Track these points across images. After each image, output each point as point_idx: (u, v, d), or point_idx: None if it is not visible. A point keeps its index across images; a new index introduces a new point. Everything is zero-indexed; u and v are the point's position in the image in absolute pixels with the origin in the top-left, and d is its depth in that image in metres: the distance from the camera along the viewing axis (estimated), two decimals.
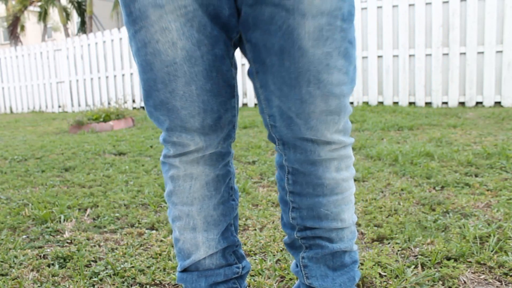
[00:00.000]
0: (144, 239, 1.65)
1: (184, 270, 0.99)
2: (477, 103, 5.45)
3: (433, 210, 1.81)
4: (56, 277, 1.36)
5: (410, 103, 5.77)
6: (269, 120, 0.88)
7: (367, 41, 5.87)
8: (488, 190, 2.03)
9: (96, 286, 1.31)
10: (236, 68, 0.90)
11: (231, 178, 0.99)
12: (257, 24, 0.79)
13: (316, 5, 0.74)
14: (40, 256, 1.54)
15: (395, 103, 5.84)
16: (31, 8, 20.34)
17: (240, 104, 7.23)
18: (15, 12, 16.94)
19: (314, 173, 0.89)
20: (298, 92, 0.81)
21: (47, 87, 9.33)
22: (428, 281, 1.23)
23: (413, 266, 1.32)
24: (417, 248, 1.44)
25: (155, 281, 1.32)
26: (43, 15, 19.64)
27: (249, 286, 1.26)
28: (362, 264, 1.35)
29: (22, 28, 20.03)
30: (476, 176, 2.29)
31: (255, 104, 7.15)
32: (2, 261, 1.50)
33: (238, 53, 5.91)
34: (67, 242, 1.67)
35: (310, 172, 0.89)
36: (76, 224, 1.86)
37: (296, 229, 0.95)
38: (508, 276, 1.24)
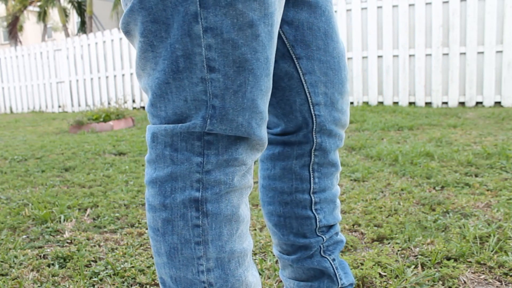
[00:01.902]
0: (144, 239, 1.65)
1: None
2: (477, 103, 5.46)
3: (433, 210, 1.81)
4: (56, 277, 1.36)
5: (410, 103, 5.77)
6: (313, 110, 0.82)
7: (367, 41, 5.87)
8: (488, 190, 2.03)
9: (96, 286, 1.31)
10: None
11: None
12: (303, 5, 0.77)
13: None
14: (40, 256, 1.54)
15: (395, 103, 5.85)
16: (30, 8, 20.35)
17: None
18: (14, 11, 16.96)
19: (337, 162, 0.90)
20: (340, 77, 0.82)
21: (47, 87, 9.34)
22: (428, 281, 1.23)
23: (413, 266, 1.32)
24: (417, 248, 1.44)
25: (155, 281, 1.32)
26: (42, 15, 19.64)
27: None
28: (362, 264, 1.35)
29: (21, 28, 20.04)
30: (476, 176, 2.29)
31: None
32: (2, 261, 1.50)
33: None
34: (67, 242, 1.67)
35: (335, 162, 0.89)
36: (76, 224, 1.86)
37: (324, 234, 0.91)
38: (508, 276, 1.24)
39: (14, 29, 17.56)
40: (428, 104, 5.70)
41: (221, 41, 0.58)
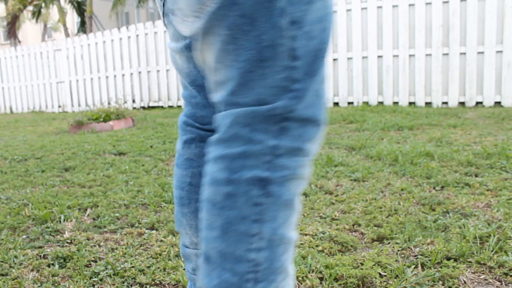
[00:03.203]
0: (144, 239, 1.65)
1: None
2: (477, 103, 5.46)
3: (433, 210, 1.81)
4: (56, 277, 1.36)
5: (410, 103, 5.77)
6: None
7: (367, 41, 5.87)
8: (488, 190, 2.03)
9: (96, 286, 1.31)
10: None
11: None
12: None
13: None
14: (40, 256, 1.54)
15: (395, 103, 5.85)
16: (30, 8, 20.35)
17: None
18: (14, 11, 16.95)
19: None
20: None
21: (47, 87, 9.34)
22: (428, 281, 1.23)
23: (413, 266, 1.32)
24: (417, 248, 1.44)
25: (155, 281, 1.32)
26: (37, 15, 19.64)
27: None
28: (362, 264, 1.35)
29: (18, 26, 20.03)
30: (476, 176, 2.29)
31: None
32: (2, 261, 1.50)
33: None
34: (67, 242, 1.67)
35: None
36: (76, 224, 1.86)
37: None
38: (508, 276, 1.24)
39: (13, 28, 17.55)
40: (428, 104, 5.70)
41: (302, 33, 0.65)
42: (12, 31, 17.41)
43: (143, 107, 8.08)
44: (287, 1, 0.63)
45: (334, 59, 6.11)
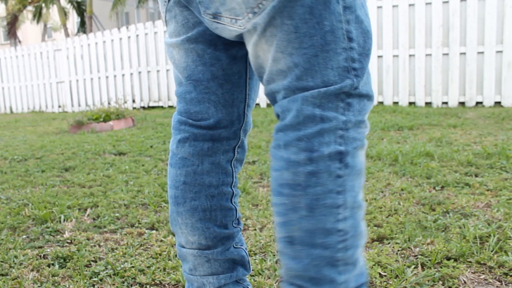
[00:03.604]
0: (144, 239, 1.65)
1: None
2: (477, 103, 5.46)
3: (433, 210, 1.81)
4: (56, 277, 1.36)
5: (410, 103, 5.77)
6: (246, 110, 0.98)
7: None
8: (488, 190, 2.03)
9: (96, 286, 1.31)
10: None
11: None
12: None
13: None
14: (40, 256, 1.54)
15: (395, 103, 5.85)
16: (30, 8, 20.34)
17: None
18: (14, 11, 16.95)
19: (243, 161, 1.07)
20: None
21: (47, 87, 9.34)
22: (428, 281, 1.23)
23: (413, 266, 1.32)
24: (417, 248, 1.44)
25: (155, 281, 1.32)
26: (37, 15, 19.62)
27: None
28: None
29: (18, 27, 20.02)
30: (476, 176, 2.29)
31: (256, 104, 7.15)
32: (2, 261, 1.50)
33: None
34: (67, 242, 1.67)
35: (243, 160, 1.07)
36: (76, 224, 1.86)
37: (239, 225, 1.03)
38: (508, 276, 1.24)
39: (13, 28, 17.55)
40: (428, 104, 5.70)
41: (354, 16, 0.73)
42: (12, 31, 17.41)
43: (143, 107, 8.08)
44: None
45: None
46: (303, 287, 0.76)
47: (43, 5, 18.88)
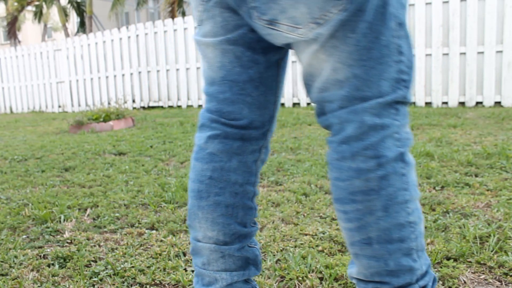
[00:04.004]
0: (144, 239, 1.65)
1: None
2: (477, 103, 5.46)
3: (433, 210, 1.81)
4: (56, 277, 1.36)
5: (410, 103, 5.76)
6: (274, 112, 1.01)
7: None
8: (488, 190, 2.03)
9: (96, 286, 1.31)
10: None
11: None
12: None
13: None
14: (40, 256, 1.54)
15: None
16: (30, 8, 20.35)
17: None
18: (12, 11, 16.94)
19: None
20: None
21: (47, 87, 9.34)
22: None
23: None
24: None
25: (155, 281, 1.32)
26: (38, 15, 19.62)
27: None
28: None
29: (19, 27, 20.01)
30: (476, 176, 2.29)
31: None
32: (2, 261, 1.50)
33: None
34: (67, 242, 1.67)
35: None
36: (76, 224, 1.86)
37: (255, 225, 1.05)
38: (508, 276, 1.24)
39: (13, 28, 17.53)
40: (428, 104, 5.70)
41: (404, 32, 0.80)
42: (12, 31, 17.40)
43: (143, 107, 8.08)
44: (394, 7, 0.78)
45: None
46: (384, 282, 0.84)
47: (44, 4, 18.88)
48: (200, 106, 7.60)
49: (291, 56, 6.90)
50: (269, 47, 0.92)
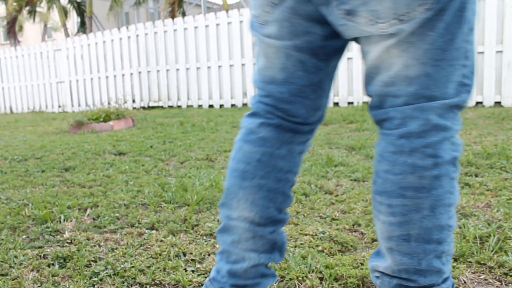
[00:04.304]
0: (144, 239, 1.65)
1: None
2: (477, 103, 5.46)
3: None
4: (56, 277, 1.36)
5: None
6: (324, 111, 1.05)
7: None
8: (488, 190, 2.03)
9: (96, 286, 1.31)
10: None
11: None
12: None
13: None
14: (40, 256, 1.54)
15: None
16: (30, 8, 20.33)
17: (240, 104, 7.23)
18: (11, 11, 16.93)
19: None
20: None
21: (47, 87, 9.34)
22: None
23: None
24: None
25: (155, 281, 1.32)
26: (33, 14, 19.61)
27: None
28: (362, 264, 1.35)
29: (20, 28, 19.98)
30: (476, 176, 2.29)
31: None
32: (2, 261, 1.50)
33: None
34: (67, 242, 1.67)
35: None
36: (76, 224, 1.86)
37: (287, 214, 1.08)
38: (508, 276, 1.24)
39: (12, 28, 17.51)
40: None
41: (472, 38, 0.81)
42: (12, 31, 17.38)
43: (143, 107, 8.08)
44: (470, 13, 0.79)
45: None
46: (410, 279, 0.86)
47: (37, 3, 18.84)
48: (200, 106, 7.60)
49: None
50: (331, 54, 0.93)
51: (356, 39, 0.88)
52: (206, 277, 1.31)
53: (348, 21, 0.81)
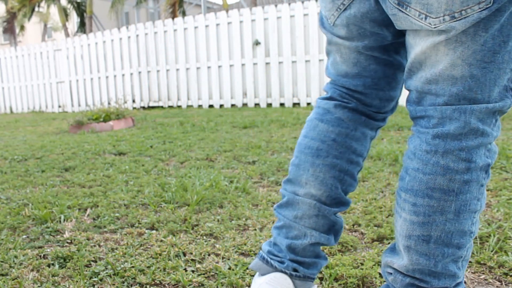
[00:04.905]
0: (144, 239, 1.65)
1: None
2: None
3: None
4: (56, 277, 1.36)
5: None
6: (396, 102, 1.07)
7: None
8: (488, 190, 2.03)
9: (96, 286, 1.31)
10: None
11: None
12: None
13: None
14: (40, 256, 1.54)
15: None
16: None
17: (240, 104, 7.23)
18: (14, 10, 16.92)
19: None
20: None
21: (47, 87, 9.34)
22: None
23: None
24: None
25: (155, 281, 1.32)
26: (29, 13, 19.60)
27: (249, 286, 1.26)
28: (362, 264, 1.35)
29: (22, 28, 19.98)
30: None
31: (255, 104, 7.16)
32: (2, 261, 1.50)
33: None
34: (67, 242, 1.67)
35: None
36: (76, 224, 1.86)
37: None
38: (508, 276, 1.24)
39: (11, 26, 17.49)
40: None
41: None
42: (9, 29, 17.35)
43: (143, 107, 8.08)
44: None
45: None
46: (424, 280, 0.85)
47: (38, 3, 18.83)
48: (200, 106, 7.60)
49: (291, 56, 6.90)
50: (399, 46, 0.95)
51: (402, 31, 0.88)
52: (206, 277, 1.32)
53: (400, 11, 0.79)
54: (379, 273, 1.29)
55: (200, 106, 7.60)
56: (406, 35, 0.85)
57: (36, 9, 19.84)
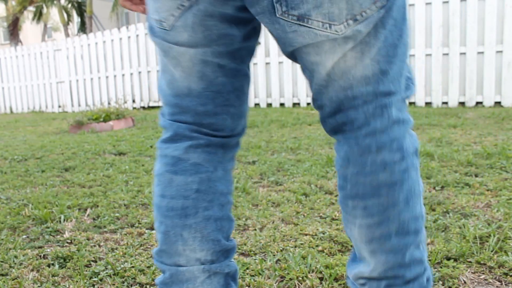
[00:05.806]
0: (144, 239, 1.65)
1: None
2: (477, 103, 5.46)
3: (433, 210, 1.81)
4: (56, 277, 1.36)
5: (410, 103, 5.77)
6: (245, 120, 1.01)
7: None
8: (488, 190, 2.03)
9: (96, 286, 1.31)
10: None
11: None
12: None
13: None
14: (40, 256, 1.54)
15: None
16: (30, 8, 20.34)
17: None
18: (14, 12, 16.94)
19: None
20: None
21: (47, 87, 9.34)
22: None
23: None
24: None
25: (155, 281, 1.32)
26: (37, 15, 19.63)
27: (249, 286, 1.26)
28: None
29: (20, 27, 19.99)
30: (476, 176, 2.29)
31: (255, 104, 7.16)
32: (2, 261, 1.50)
33: None
34: (67, 242, 1.67)
35: None
36: (76, 224, 1.86)
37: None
38: (508, 276, 1.24)
39: (15, 29, 17.53)
40: (428, 104, 5.70)
41: (408, 32, 0.83)
42: (14, 33, 17.37)
43: (143, 107, 8.09)
44: (407, 9, 0.82)
45: None
46: (398, 276, 0.84)
47: (43, 5, 18.87)
48: None
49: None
50: (247, 55, 0.89)
51: (294, 54, 0.81)
52: None
53: (301, 26, 0.75)
54: None
55: None
56: (305, 55, 0.79)
57: (36, 10, 19.87)
